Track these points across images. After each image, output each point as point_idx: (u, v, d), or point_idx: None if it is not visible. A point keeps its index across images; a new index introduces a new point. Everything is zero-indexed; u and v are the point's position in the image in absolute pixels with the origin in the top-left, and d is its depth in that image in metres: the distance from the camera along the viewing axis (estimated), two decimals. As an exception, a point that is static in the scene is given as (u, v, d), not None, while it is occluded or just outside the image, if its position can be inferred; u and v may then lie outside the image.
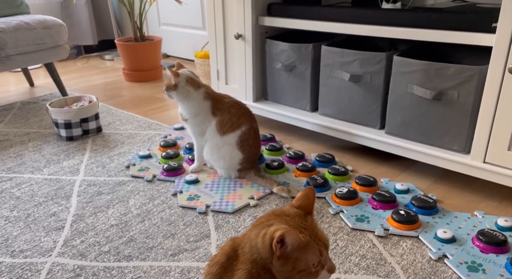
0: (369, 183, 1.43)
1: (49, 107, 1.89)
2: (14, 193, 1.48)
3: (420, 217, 1.26)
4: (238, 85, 1.99)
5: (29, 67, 2.83)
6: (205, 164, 1.62)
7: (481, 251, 1.12)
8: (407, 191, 1.42)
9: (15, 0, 2.49)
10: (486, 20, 1.25)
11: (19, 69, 2.91)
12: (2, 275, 1.09)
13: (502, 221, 1.23)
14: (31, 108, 2.36)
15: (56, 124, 1.90)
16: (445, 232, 1.17)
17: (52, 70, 2.44)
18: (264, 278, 0.71)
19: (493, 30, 1.22)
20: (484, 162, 1.32)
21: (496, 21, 1.21)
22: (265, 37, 1.88)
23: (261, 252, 0.72)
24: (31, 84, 2.84)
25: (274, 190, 1.42)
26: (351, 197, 1.36)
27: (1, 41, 2.09)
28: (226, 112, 1.48)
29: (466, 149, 1.38)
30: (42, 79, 2.99)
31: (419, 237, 1.19)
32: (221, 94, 1.55)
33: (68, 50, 2.45)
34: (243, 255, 0.73)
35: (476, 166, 1.34)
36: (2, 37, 2.09)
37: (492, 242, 1.12)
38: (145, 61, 2.90)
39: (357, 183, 1.45)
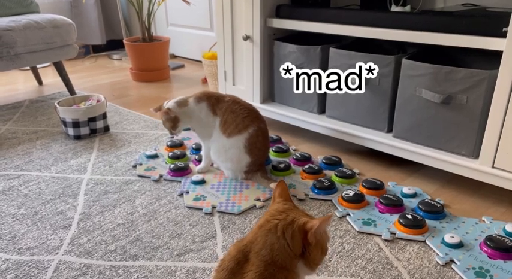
0: (376, 186, 1.43)
1: (57, 106, 1.90)
2: (21, 190, 1.49)
3: (427, 221, 1.25)
4: (246, 87, 1.99)
5: (38, 66, 2.85)
6: (212, 165, 1.62)
7: (488, 256, 1.12)
8: (414, 195, 1.41)
9: (25, -1, 2.52)
10: (496, 24, 1.24)
11: (28, 68, 2.93)
12: (9, 272, 1.09)
13: (510, 227, 1.22)
14: (39, 107, 2.38)
15: (64, 123, 1.91)
16: (453, 237, 1.17)
17: (61, 69, 2.45)
18: (279, 278, 0.72)
19: (503, 35, 1.21)
20: (493, 167, 1.31)
21: (507, 26, 1.20)
22: (273, 39, 1.88)
23: (286, 252, 0.72)
24: (40, 82, 2.86)
25: (271, 185, 1.44)
26: (357, 200, 1.35)
27: (11, 40, 2.11)
28: (228, 111, 1.47)
29: (475, 154, 1.38)
30: (51, 78, 3.01)
31: (427, 242, 1.18)
32: (220, 94, 1.55)
33: (77, 49, 2.47)
34: (256, 257, 0.73)
35: (484, 171, 1.33)
36: (11, 35, 2.11)
37: (500, 248, 1.11)
38: (153, 62, 2.91)
39: (364, 186, 1.44)
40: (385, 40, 1.52)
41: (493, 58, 1.31)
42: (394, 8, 1.64)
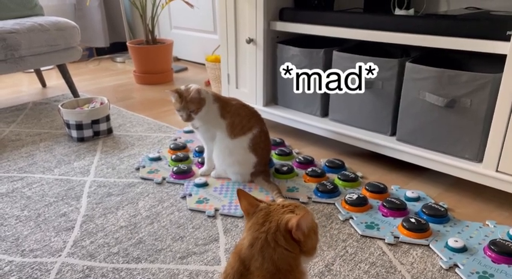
0: (379, 190, 1.42)
1: (61, 108, 1.91)
2: (25, 192, 1.50)
3: (431, 225, 1.25)
4: (249, 90, 1.99)
5: (42, 68, 2.86)
6: (213, 168, 1.62)
7: (492, 261, 1.11)
8: (418, 199, 1.41)
9: (29, 1, 2.53)
10: (500, 28, 1.24)
11: (32, 70, 2.95)
12: (12, 274, 1.10)
13: (514, 231, 1.21)
14: (43, 109, 2.39)
15: (68, 125, 1.91)
16: (456, 241, 1.16)
17: (64, 72, 2.46)
18: None
19: (507, 38, 1.21)
20: (497, 171, 1.31)
21: (511, 29, 1.20)
22: (276, 42, 1.88)
23: (287, 256, 0.72)
24: (43, 84, 2.87)
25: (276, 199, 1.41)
26: (360, 203, 1.35)
27: (15, 42, 2.12)
28: (235, 114, 1.48)
29: (479, 158, 1.37)
30: (55, 80, 3.02)
31: (430, 245, 1.18)
32: (227, 97, 1.56)
33: (81, 52, 2.47)
34: (260, 271, 0.72)
35: (488, 175, 1.32)
36: (16, 38, 2.12)
37: (504, 252, 1.11)
38: (156, 64, 2.92)
39: (367, 190, 1.44)
40: (389, 43, 1.52)
41: (497, 61, 1.31)
42: (398, 12, 1.64)
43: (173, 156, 1.70)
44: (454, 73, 1.34)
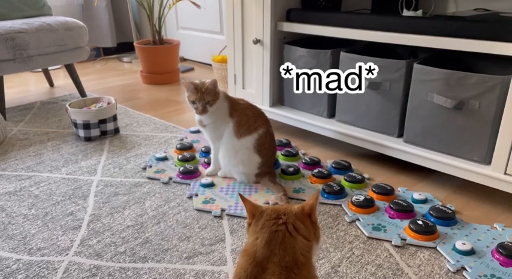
0: (386, 192, 1.42)
1: (68, 107, 1.92)
2: (32, 191, 1.51)
3: (438, 227, 1.24)
4: (255, 90, 1.99)
5: (50, 68, 2.88)
6: (216, 175, 1.61)
7: (500, 264, 1.10)
8: (425, 201, 1.40)
9: (38, 2, 2.54)
10: (510, 29, 1.23)
11: (40, 70, 2.97)
12: (20, 273, 1.10)
13: (523, 235, 1.20)
14: (50, 108, 2.40)
15: (75, 125, 1.92)
16: (464, 244, 1.15)
17: (72, 71, 2.48)
18: (301, 274, 0.73)
19: (517, 40, 1.21)
20: (505, 174, 1.30)
21: (521, 31, 1.19)
22: (283, 42, 1.88)
23: (307, 244, 0.75)
24: (51, 84, 2.89)
25: (276, 199, 1.41)
26: (367, 205, 1.34)
27: (24, 42, 2.13)
28: (243, 114, 1.49)
29: (487, 160, 1.36)
30: (62, 79, 3.04)
31: (437, 248, 1.17)
32: (235, 97, 1.57)
33: (88, 52, 2.49)
34: (279, 265, 0.72)
35: (496, 178, 1.31)
36: (24, 38, 2.14)
37: (512, 255, 1.10)
38: (163, 64, 2.93)
39: (374, 191, 1.43)
40: (397, 44, 1.51)
41: (506, 63, 1.30)
42: (406, 13, 1.63)
43: (180, 156, 1.71)
44: (462, 75, 1.33)
